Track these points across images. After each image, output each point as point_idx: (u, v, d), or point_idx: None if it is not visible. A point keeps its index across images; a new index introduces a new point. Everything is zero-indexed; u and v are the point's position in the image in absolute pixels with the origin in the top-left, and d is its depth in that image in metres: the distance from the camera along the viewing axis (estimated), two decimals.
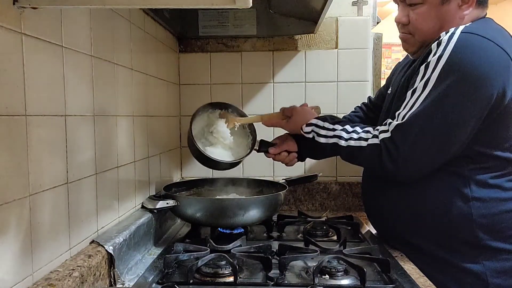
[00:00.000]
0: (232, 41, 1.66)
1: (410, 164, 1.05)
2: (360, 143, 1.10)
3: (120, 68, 1.07)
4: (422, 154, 1.04)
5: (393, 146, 1.04)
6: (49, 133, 0.75)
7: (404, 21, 1.13)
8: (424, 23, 1.10)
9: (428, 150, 1.03)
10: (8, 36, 0.64)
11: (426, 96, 1.02)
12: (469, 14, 1.09)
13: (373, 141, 1.09)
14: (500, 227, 1.06)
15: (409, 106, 1.04)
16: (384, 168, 1.07)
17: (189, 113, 1.66)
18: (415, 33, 1.13)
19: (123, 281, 0.93)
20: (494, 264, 1.06)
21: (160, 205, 1.18)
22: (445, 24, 1.08)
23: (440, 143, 1.03)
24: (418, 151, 1.03)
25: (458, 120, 1.01)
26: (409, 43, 1.17)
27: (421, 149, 1.03)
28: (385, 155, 1.05)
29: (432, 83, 1.01)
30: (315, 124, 1.20)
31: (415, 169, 1.06)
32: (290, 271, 0.99)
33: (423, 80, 1.03)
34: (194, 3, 0.72)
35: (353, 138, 1.12)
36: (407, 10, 1.12)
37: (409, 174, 1.07)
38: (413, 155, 1.04)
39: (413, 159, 1.04)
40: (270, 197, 1.27)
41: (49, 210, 0.75)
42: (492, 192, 1.06)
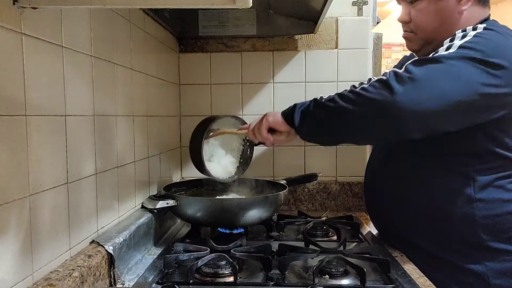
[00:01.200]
0: (232, 41, 1.66)
1: (420, 91, 0.93)
2: (362, 85, 1.02)
3: (120, 68, 1.07)
4: (438, 90, 0.93)
5: (405, 71, 0.95)
6: (49, 133, 0.75)
7: (406, 19, 1.15)
8: (424, 19, 1.11)
9: (445, 88, 0.93)
10: (8, 36, 0.64)
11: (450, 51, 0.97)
12: (469, 11, 1.09)
13: (380, 76, 1.00)
14: (502, 228, 1.06)
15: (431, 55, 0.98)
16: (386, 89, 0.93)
17: (189, 113, 1.68)
18: (417, 30, 1.14)
19: (123, 281, 0.93)
20: (495, 265, 1.06)
21: (160, 205, 1.18)
22: (445, 19, 1.09)
23: (459, 92, 0.94)
24: (435, 83, 0.93)
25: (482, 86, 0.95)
26: (412, 41, 1.18)
27: (438, 85, 0.93)
28: (393, 76, 0.95)
29: (456, 47, 0.97)
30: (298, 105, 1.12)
31: (424, 101, 0.93)
32: (290, 271, 0.99)
33: (445, 45, 1.00)
34: (194, 3, 0.72)
35: (354, 86, 1.05)
36: (408, 8, 1.14)
37: (414, 103, 0.92)
38: (428, 83, 0.93)
39: (426, 88, 0.93)
40: (270, 197, 1.26)
41: (49, 210, 0.75)
42: (495, 193, 1.06)
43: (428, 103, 0.93)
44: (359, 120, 1.00)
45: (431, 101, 0.93)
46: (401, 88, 0.92)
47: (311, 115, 1.08)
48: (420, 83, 0.93)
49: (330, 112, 1.04)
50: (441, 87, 0.93)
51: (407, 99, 0.92)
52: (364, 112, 0.98)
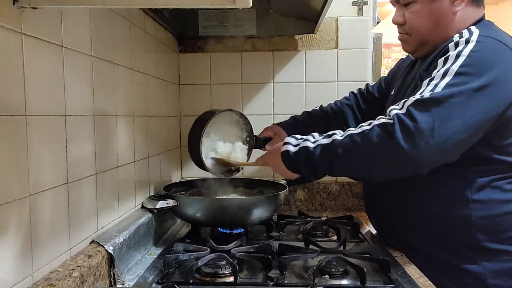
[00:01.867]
0: (232, 41, 1.66)
1: (433, 141, 0.89)
2: (362, 128, 0.97)
3: (120, 68, 1.07)
4: (447, 132, 0.90)
5: (410, 120, 0.90)
6: (49, 133, 0.75)
7: (400, 21, 1.15)
8: (418, 21, 1.12)
9: (454, 129, 0.91)
10: (8, 36, 0.64)
11: (449, 83, 0.95)
12: (463, 11, 1.09)
13: (380, 121, 0.95)
14: (499, 229, 1.06)
15: (428, 89, 0.95)
16: (396, 147, 0.90)
17: (189, 113, 1.68)
18: (412, 32, 1.14)
19: (123, 281, 0.93)
20: (493, 265, 1.06)
21: (160, 205, 1.18)
22: (439, 20, 1.10)
23: (467, 126, 0.93)
24: (443, 128, 0.90)
25: (484, 112, 0.95)
26: (407, 43, 1.18)
27: (446, 127, 0.90)
28: (400, 129, 0.90)
29: (453, 72, 0.96)
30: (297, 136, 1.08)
31: (437, 150, 0.90)
32: (290, 271, 0.99)
33: (442, 70, 0.98)
34: (194, 3, 0.72)
35: (352, 129, 0.99)
36: (402, 10, 1.15)
37: (428, 155, 0.90)
38: (437, 130, 0.89)
39: (437, 135, 0.89)
40: (270, 197, 1.26)
41: (49, 210, 0.75)
42: (492, 194, 1.06)
43: (438, 151, 0.91)
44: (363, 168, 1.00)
45: (441, 147, 0.91)
46: (409, 144, 0.89)
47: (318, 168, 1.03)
48: (428, 134, 0.89)
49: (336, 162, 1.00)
50: (450, 131, 0.91)
51: (417, 155, 0.90)
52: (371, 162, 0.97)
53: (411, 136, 0.89)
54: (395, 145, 0.90)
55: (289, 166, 1.07)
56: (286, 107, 1.65)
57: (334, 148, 0.99)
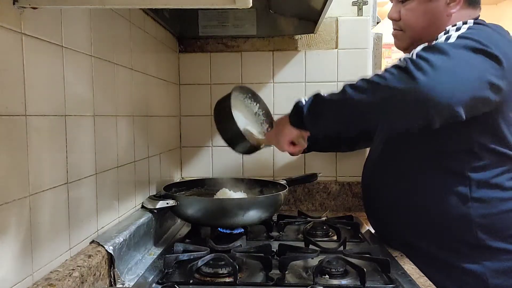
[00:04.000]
0: (232, 41, 1.66)
1: (444, 74, 0.87)
2: (373, 76, 0.95)
3: (120, 68, 1.07)
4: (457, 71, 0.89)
5: (420, 59, 0.88)
6: (49, 133, 0.75)
7: (395, 17, 1.17)
8: (413, 18, 1.13)
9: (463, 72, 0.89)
10: (8, 36, 0.64)
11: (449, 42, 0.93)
12: (458, 13, 1.10)
13: (392, 65, 0.93)
14: (500, 227, 1.06)
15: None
16: (409, 78, 0.87)
17: (189, 113, 1.68)
18: (406, 29, 1.16)
19: (123, 281, 0.93)
20: (494, 264, 1.06)
21: (160, 205, 1.18)
22: (433, 20, 1.11)
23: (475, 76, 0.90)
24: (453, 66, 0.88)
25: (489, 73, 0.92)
26: (400, 39, 1.20)
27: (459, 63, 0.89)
28: (411, 65, 0.88)
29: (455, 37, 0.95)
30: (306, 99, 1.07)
31: (449, 83, 0.88)
32: (290, 271, 0.99)
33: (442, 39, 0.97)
34: (194, 3, 0.72)
35: (364, 78, 0.97)
36: (399, 6, 1.17)
37: (440, 88, 0.87)
38: (448, 66, 0.88)
39: (448, 70, 0.88)
40: (270, 197, 1.26)
41: (49, 210, 0.75)
42: (491, 192, 1.06)
43: (452, 91, 0.87)
44: (378, 108, 0.95)
45: (455, 89, 0.88)
46: (423, 76, 0.86)
47: (323, 115, 1.03)
48: (441, 72, 0.87)
49: (344, 105, 0.99)
50: (460, 76, 0.89)
51: (431, 88, 0.87)
52: (385, 99, 0.93)
53: (423, 70, 0.87)
54: (407, 76, 0.88)
55: (295, 120, 1.09)
56: (286, 107, 1.63)
57: (345, 89, 0.98)
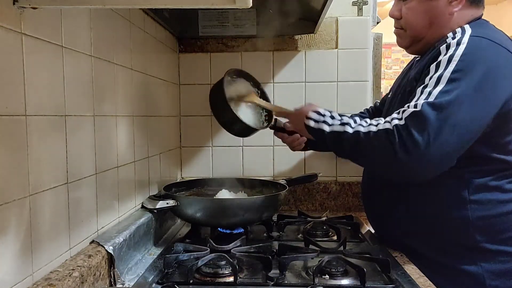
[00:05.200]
0: (232, 41, 1.66)
1: (428, 156, 0.93)
2: (370, 128, 1.00)
3: (120, 68, 1.07)
4: (442, 146, 0.93)
5: (407, 135, 0.93)
6: (49, 133, 0.75)
7: (396, 15, 1.18)
8: (413, 17, 1.14)
9: (448, 142, 0.94)
10: (8, 36, 0.64)
11: (442, 90, 0.96)
12: (460, 12, 1.09)
13: (384, 126, 0.98)
14: (497, 229, 1.06)
15: (423, 97, 0.97)
16: (396, 159, 0.94)
17: (189, 113, 1.68)
18: (407, 27, 1.16)
19: (123, 281, 0.93)
20: (492, 266, 1.05)
21: (160, 205, 1.18)
22: (434, 19, 1.11)
23: (461, 136, 0.95)
24: (438, 143, 0.93)
25: (480, 114, 0.97)
26: (401, 38, 1.20)
27: (440, 141, 0.93)
28: (399, 143, 0.94)
29: (446, 78, 0.97)
30: (321, 112, 1.11)
31: (433, 162, 0.95)
32: (290, 271, 0.99)
33: (434, 77, 0.98)
34: (194, 3, 0.72)
35: (362, 125, 1.02)
36: (400, 5, 1.17)
37: (425, 168, 0.96)
38: (432, 146, 0.92)
39: (432, 151, 0.93)
40: (270, 197, 1.26)
41: (49, 210, 0.75)
42: (490, 195, 1.05)
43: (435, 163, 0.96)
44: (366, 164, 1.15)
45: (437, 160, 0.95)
46: (407, 157, 0.93)
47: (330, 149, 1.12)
48: (424, 149, 0.92)
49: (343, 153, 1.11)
50: (445, 144, 0.94)
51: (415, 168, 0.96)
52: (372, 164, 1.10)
53: (409, 151, 0.93)
54: (392, 155, 0.95)
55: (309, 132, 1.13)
56: (286, 107, 1.65)
57: (341, 141, 1.04)
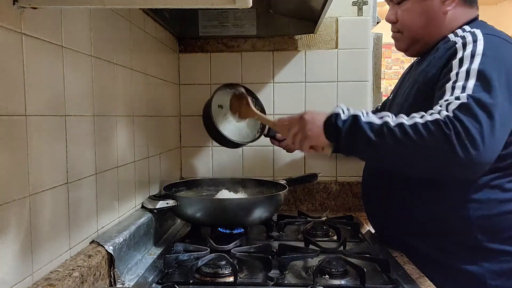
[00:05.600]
0: (232, 41, 1.66)
1: (486, 152, 0.89)
2: (414, 120, 0.92)
3: (120, 68, 1.07)
4: (495, 142, 0.91)
5: (462, 128, 0.88)
6: (49, 133, 0.75)
7: (392, 19, 1.19)
8: (409, 18, 1.14)
9: (500, 138, 0.92)
10: (8, 36, 0.64)
11: (476, 84, 0.93)
12: (454, 11, 1.11)
13: (433, 117, 0.91)
14: (498, 229, 1.05)
15: (458, 92, 0.93)
16: (454, 153, 0.88)
17: (189, 113, 1.68)
18: (403, 29, 1.17)
19: (123, 281, 0.93)
20: (492, 266, 1.05)
21: (160, 205, 1.18)
22: (430, 19, 1.12)
23: (506, 131, 0.94)
24: (492, 139, 0.90)
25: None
26: (399, 41, 1.21)
27: (495, 137, 0.90)
28: (455, 135, 0.88)
29: (475, 72, 0.95)
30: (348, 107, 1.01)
31: (490, 157, 0.90)
32: (290, 271, 0.99)
33: (462, 71, 0.96)
34: (194, 3, 0.72)
35: (403, 118, 0.94)
36: (395, 9, 1.18)
37: (482, 163, 0.90)
38: (488, 142, 0.89)
39: (488, 147, 0.89)
40: (270, 197, 1.27)
41: (49, 210, 0.75)
42: (491, 194, 1.05)
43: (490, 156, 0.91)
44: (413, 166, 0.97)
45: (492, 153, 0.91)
46: (464, 152, 0.87)
47: (358, 150, 0.99)
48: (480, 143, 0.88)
49: (379, 151, 0.96)
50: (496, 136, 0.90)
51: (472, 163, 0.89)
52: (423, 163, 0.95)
53: (465, 145, 0.87)
54: (450, 151, 0.88)
55: (329, 131, 0.99)
56: (286, 107, 1.65)
57: (383, 133, 0.93)
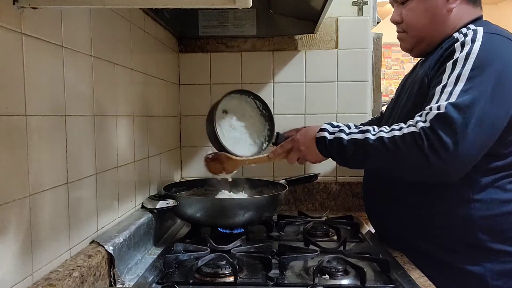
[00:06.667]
0: (232, 41, 1.66)
1: (458, 157, 0.93)
2: (393, 133, 0.99)
3: (120, 68, 1.07)
4: (470, 146, 0.93)
5: (435, 137, 0.93)
6: (49, 133, 0.75)
7: (397, 20, 1.19)
8: (413, 18, 1.15)
9: (476, 141, 0.94)
10: (8, 36, 0.64)
11: (463, 89, 0.96)
12: (458, 9, 1.11)
13: (409, 129, 0.97)
14: (501, 229, 1.05)
15: (444, 98, 0.97)
16: (427, 162, 0.94)
17: (189, 113, 1.68)
18: (408, 29, 1.18)
19: (123, 281, 0.93)
20: (494, 266, 1.05)
21: (160, 205, 1.18)
22: (434, 17, 1.12)
23: (487, 133, 0.97)
24: (466, 143, 0.93)
25: (502, 110, 0.98)
26: (404, 41, 1.21)
27: (469, 141, 0.93)
28: (428, 146, 0.93)
29: (465, 77, 0.97)
30: (334, 124, 1.11)
31: (464, 162, 0.95)
32: (290, 271, 0.99)
33: (453, 75, 0.99)
34: (194, 3, 0.71)
35: (384, 131, 1.01)
36: (400, 9, 1.19)
37: (456, 168, 0.96)
38: (461, 146, 0.92)
39: (461, 151, 0.92)
40: (270, 197, 1.27)
41: (49, 210, 0.75)
42: (493, 194, 1.05)
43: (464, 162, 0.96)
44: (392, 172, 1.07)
45: (466, 158, 0.95)
46: (436, 159, 0.93)
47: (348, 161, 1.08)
48: (453, 150, 0.92)
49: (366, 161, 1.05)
50: (472, 143, 0.94)
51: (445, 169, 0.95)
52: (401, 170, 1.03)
53: (438, 153, 0.93)
54: (424, 159, 0.94)
55: (323, 152, 1.11)
56: (286, 107, 1.65)
57: (365, 148, 1.02)
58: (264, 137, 1.38)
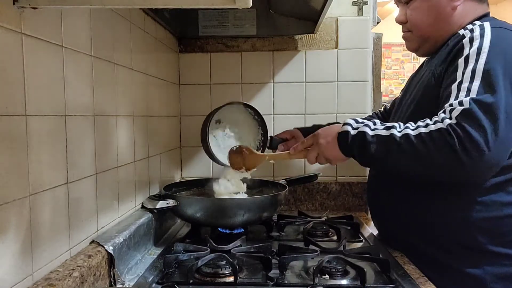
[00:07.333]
0: (232, 41, 1.66)
1: (490, 155, 0.89)
2: (419, 130, 0.95)
3: (120, 68, 1.07)
4: (501, 143, 0.90)
5: (465, 135, 0.89)
6: (49, 133, 0.75)
7: (402, 20, 1.19)
8: (418, 17, 1.15)
9: (507, 138, 0.91)
10: (8, 36, 0.64)
11: (481, 85, 0.93)
12: (463, 7, 1.11)
13: (436, 126, 0.93)
14: (501, 232, 1.05)
15: (463, 95, 0.94)
16: (458, 161, 0.90)
17: (189, 113, 1.68)
18: (413, 28, 1.17)
19: (123, 281, 0.93)
20: (495, 269, 1.04)
21: (160, 205, 1.18)
22: (438, 15, 1.12)
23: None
24: (498, 141, 0.89)
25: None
26: (409, 41, 1.21)
27: (500, 139, 0.90)
28: (459, 143, 0.89)
29: (481, 71, 0.95)
30: (358, 120, 1.06)
31: (496, 160, 0.91)
32: (290, 271, 0.99)
33: (468, 71, 0.97)
34: (194, 3, 0.71)
35: (409, 128, 0.97)
36: (404, 9, 1.18)
37: (488, 167, 0.92)
38: (493, 145, 0.89)
39: (493, 149, 0.89)
40: (270, 197, 1.27)
41: (49, 210, 0.75)
42: (494, 196, 1.04)
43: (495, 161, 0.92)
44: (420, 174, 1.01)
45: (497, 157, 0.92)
46: (468, 159, 0.89)
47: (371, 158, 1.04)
48: (485, 149, 0.89)
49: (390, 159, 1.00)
50: (502, 140, 0.91)
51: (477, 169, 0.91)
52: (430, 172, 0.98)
53: (470, 152, 0.89)
54: (455, 158, 0.90)
55: (344, 148, 1.07)
56: (286, 107, 1.65)
57: (390, 145, 0.98)
58: (258, 141, 1.42)
